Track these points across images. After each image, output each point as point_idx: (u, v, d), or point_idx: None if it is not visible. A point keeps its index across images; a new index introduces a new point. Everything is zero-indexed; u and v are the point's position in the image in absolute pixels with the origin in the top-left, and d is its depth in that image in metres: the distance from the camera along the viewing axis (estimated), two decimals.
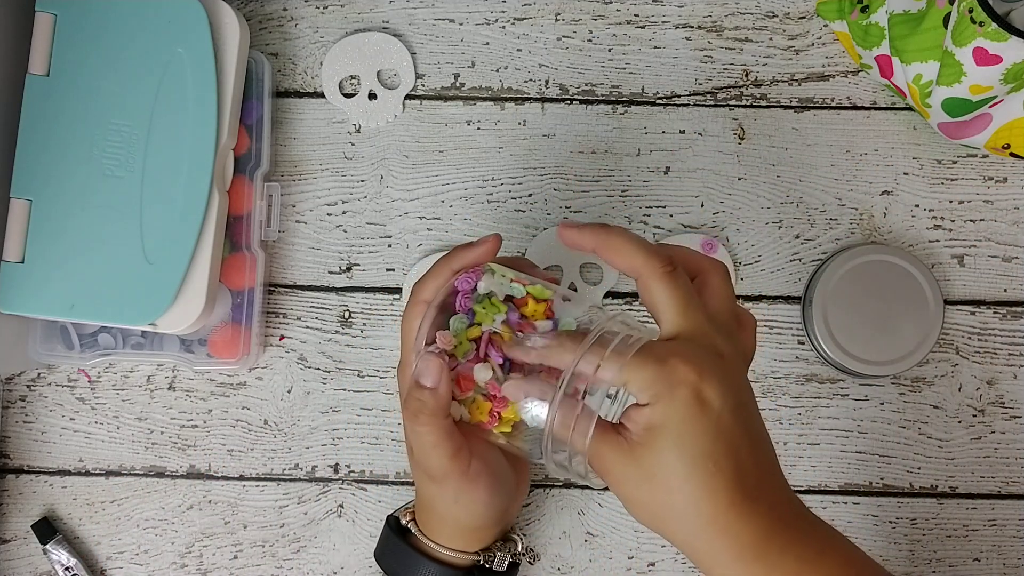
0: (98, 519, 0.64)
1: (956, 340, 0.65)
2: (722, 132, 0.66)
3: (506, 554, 0.54)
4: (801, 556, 0.40)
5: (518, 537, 0.55)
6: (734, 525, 0.39)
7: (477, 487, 0.48)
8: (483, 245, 0.48)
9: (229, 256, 0.62)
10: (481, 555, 0.53)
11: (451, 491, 0.48)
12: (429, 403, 0.45)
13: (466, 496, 0.49)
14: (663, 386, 0.39)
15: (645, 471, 0.40)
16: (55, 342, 0.62)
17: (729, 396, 0.40)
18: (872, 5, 0.61)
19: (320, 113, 0.66)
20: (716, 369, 0.40)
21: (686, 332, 0.42)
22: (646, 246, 0.43)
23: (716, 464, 0.39)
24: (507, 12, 0.66)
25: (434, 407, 0.45)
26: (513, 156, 0.66)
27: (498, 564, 0.53)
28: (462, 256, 0.48)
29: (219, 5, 0.59)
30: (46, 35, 0.59)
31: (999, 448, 0.64)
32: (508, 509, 0.52)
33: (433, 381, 0.44)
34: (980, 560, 0.64)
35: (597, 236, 0.45)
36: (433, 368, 0.44)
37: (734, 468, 0.39)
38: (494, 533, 0.54)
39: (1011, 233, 0.65)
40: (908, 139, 0.66)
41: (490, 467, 0.49)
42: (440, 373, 0.44)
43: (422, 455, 0.47)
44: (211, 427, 0.65)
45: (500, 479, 0.50)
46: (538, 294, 0.46)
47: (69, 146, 0.58)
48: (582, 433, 0.41)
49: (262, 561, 0.64)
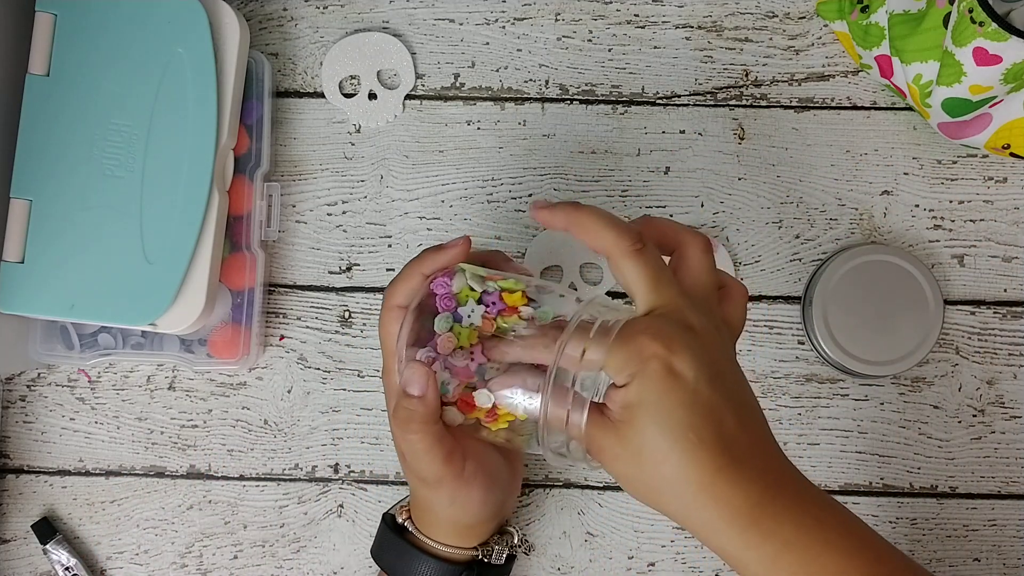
0: (98, 519, 0.64)
1: (956, 340, 0.65)
2: (722, 132, 0.66)
3: (504, 547, 0.54)
4: (798, 523, 0.40)
5: (513, 529, 0.55)
6: (724, 492, 0.39)
7: (472, 487, 0.48)
8: (453, 248, 0.48)
9: (229, 256, 0.62)
10: (479, 550, 0.53)
11: (447, 494, 0.48)
12: (419, 411, 0.45)
13: (462, 497, 0.49)
14: (635, 364, 0.40)
15: (633, 448, 0.40)
16: (55, 342, 0.62)
17: (703, 367, 0.40)
18: (872, 5, 0.61)
19: (320, 113, 0.66)
20: (687, 341, 0.40)
21: (658, 308, 0.42)
22: (616, 224, 0.43)
23: (697, 434, 0.39)
24: (507, 12, 0.66)
25: (424, 415, 0.45)
26: (513, 156, 0.66)
27: (496, 557, 0.53)
28: (432, 259, 0.48)
29: (219, 5, 0.59)
30: (46, 35, 0.59)
31: (999, 448, 0.64)
32: (504, 503, 0.53)
33: (420, 389, 0.45)
34: (980, 560, 0.64)
35: (568, 215, 0.44)
36: (420, 376, 0.45)
37: (716, 436, 0.39)
38: (491, 528, 0.54)
39: (1011, 233, 0.65)
40: (908, 139, 0.66)
41: (484, 466, 0.49)
42: (427, 381, 0.45)
43: (415, 461, 0.47)
44: (211, 427, 0.65)
45: (495, 476, 0.50)
46: (510, 287, 0.46)
47: (69, 146, 0.58)
48: (576, 420, 0.41)
49: (262, 561, 0.64)
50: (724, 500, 0.39)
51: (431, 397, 0.45)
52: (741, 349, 0.64)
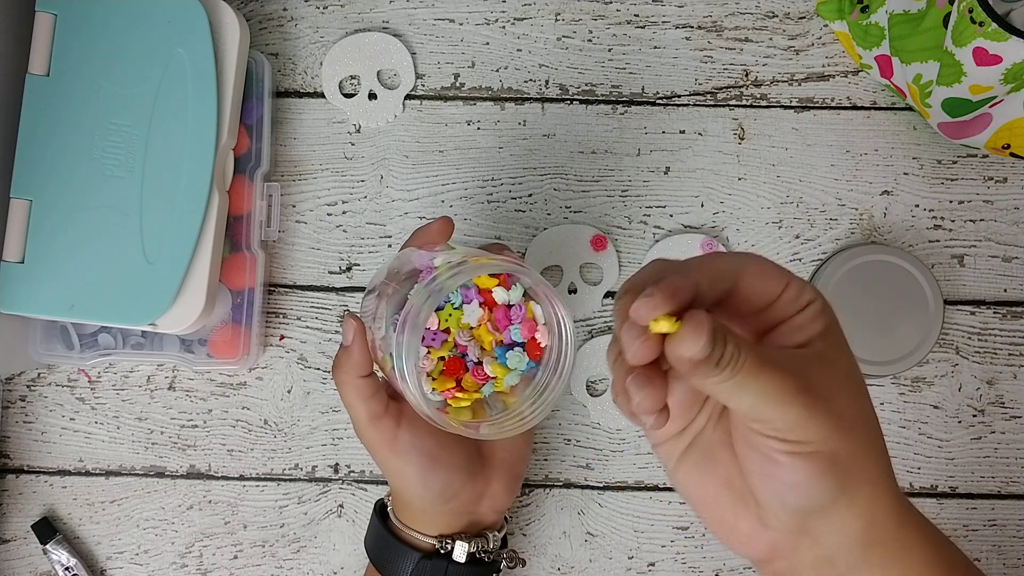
0: (98, 519, 0.64)
1: (956, 340, 0.65)
2: (722, 132, 0.66)
3: (468, 545, 0.53)
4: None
5: (491, 534, 0.54)
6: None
7: (406, 462, 0.50)
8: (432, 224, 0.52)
9: (229, 256, 0.62)
10: (438, 540, 0.53)
11: (380, 459, 0.51)
12: (343, 359, 0.50)
13: (396, 468, 0.51)
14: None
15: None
16: (55, 342, 0.62)
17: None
18: (872, 5, 0.61)
19: (320, 113, 0.66)
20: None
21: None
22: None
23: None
24: (507, 12, 0.66)
25: (349, 364, 0.49)
26: (513, 156, 0.66)
27: (457, 554, 0.52)
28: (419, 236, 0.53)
29: (219, 5, 0.59)
30: (46, 35, 0.59)
31: (999, 448, 0.64)
32: (458, 493, 0.52)
33: (347, 339, 0.50)
34: (980, 560, 0.64)
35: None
36: (348, 328, 0.50)
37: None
38: (449, 520, 0.53)
39: (1011, 233, 0.65)
40: (908, 139, 0.66)
41: (422, 443, 0.50)
42: (353, 333, 0.49)
43: (348, 410, 0.51)
44: (211, 427, 0.65)
45: (436, 458, 0.51)
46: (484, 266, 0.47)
47: (69, 146, 0.58)
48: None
49: (262, 561, 0.64)
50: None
51: (356, 348, 0.49)
52: None
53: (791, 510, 0.37)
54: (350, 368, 0.49)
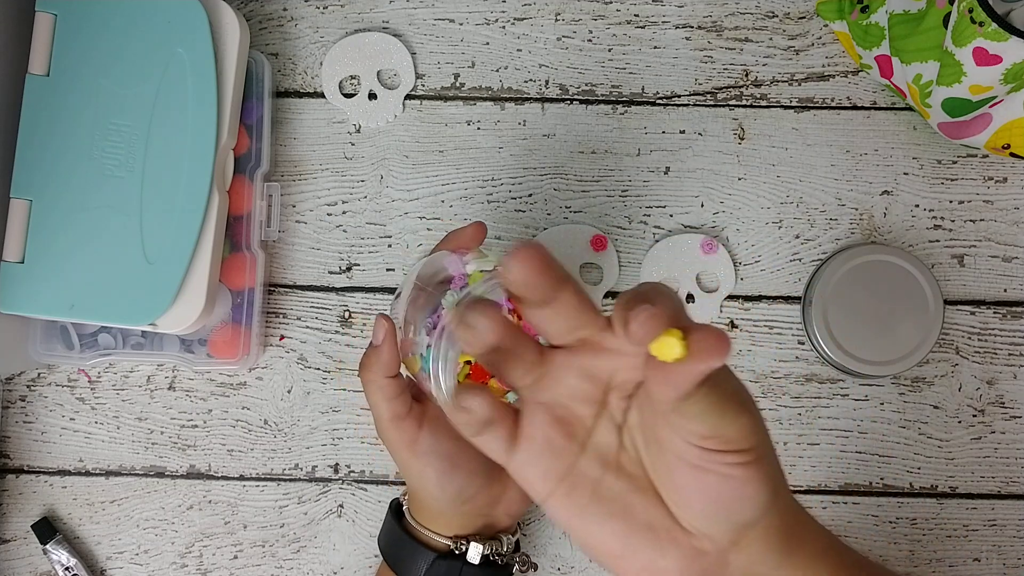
0: (98, 519, 0.64)
1: (956, 340, 0.65)
2: (722, 132, 0.66)
3: (481, 545, 0.53)
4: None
5: (505, 537, 0.54)
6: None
7: (426, 464, 0.50)
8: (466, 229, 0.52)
9: (229, 256, 0.62)
10: (453, 541, 0.53)
11: (401, 460, 0.51)
12: (372, 359, 0.49)
13: (415, 470, 0.51)
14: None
15: None
16: (55, 342, 0.62)
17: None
18: (872, 5, 0.61)
19: (320, 113, 0.66)
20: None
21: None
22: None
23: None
24: (507, 12, 0.66)
25: (378, 364, 0.49)
26: (513, 156, 0.66)
27: (471, 555, 0.53)
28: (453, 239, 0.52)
29: (219, 5, 0.59)
30: (46, 35, 0.59)
31: (999, 448, 0.64)
32: (475, 497, 0.52)
33: (377, 339, 0.49)
34: (980, 560, 0.64)
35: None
36: (379, 328, 0.49)
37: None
38: (464, 522, 0.53)
39: (1011, 233, 0.65)
40: (908, 139, 0.66)
41: (441, 447, 0.51)
42: (384, 333, 0.49)
43: (372, 409, 0.51)
44: (211, 427, 0.65)
45: (454, 462, 0.51)
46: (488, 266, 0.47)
47: (69, 146, 0.58)
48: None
49: (262, 561, 0.64)
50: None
51: (386, 349, 0.49)
52: (741, 349, 0.65)
53: (737, 526, 0.36)
54: (378, 368, 0.49)
